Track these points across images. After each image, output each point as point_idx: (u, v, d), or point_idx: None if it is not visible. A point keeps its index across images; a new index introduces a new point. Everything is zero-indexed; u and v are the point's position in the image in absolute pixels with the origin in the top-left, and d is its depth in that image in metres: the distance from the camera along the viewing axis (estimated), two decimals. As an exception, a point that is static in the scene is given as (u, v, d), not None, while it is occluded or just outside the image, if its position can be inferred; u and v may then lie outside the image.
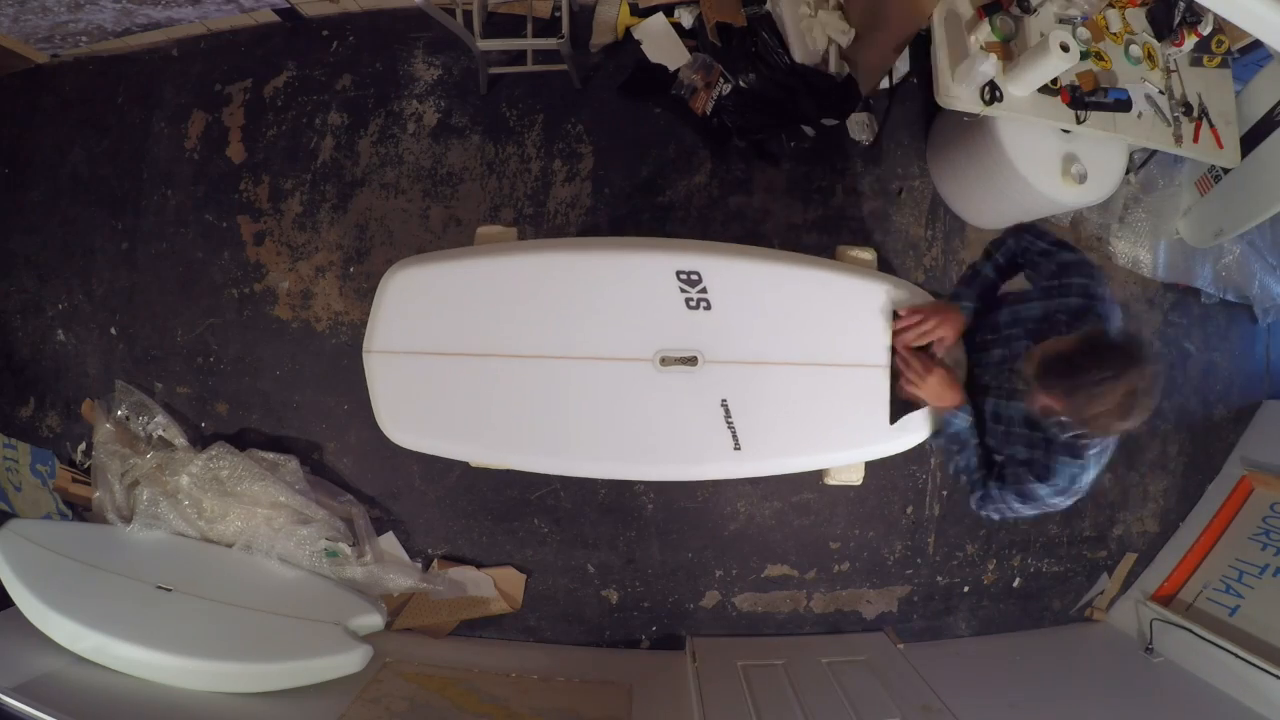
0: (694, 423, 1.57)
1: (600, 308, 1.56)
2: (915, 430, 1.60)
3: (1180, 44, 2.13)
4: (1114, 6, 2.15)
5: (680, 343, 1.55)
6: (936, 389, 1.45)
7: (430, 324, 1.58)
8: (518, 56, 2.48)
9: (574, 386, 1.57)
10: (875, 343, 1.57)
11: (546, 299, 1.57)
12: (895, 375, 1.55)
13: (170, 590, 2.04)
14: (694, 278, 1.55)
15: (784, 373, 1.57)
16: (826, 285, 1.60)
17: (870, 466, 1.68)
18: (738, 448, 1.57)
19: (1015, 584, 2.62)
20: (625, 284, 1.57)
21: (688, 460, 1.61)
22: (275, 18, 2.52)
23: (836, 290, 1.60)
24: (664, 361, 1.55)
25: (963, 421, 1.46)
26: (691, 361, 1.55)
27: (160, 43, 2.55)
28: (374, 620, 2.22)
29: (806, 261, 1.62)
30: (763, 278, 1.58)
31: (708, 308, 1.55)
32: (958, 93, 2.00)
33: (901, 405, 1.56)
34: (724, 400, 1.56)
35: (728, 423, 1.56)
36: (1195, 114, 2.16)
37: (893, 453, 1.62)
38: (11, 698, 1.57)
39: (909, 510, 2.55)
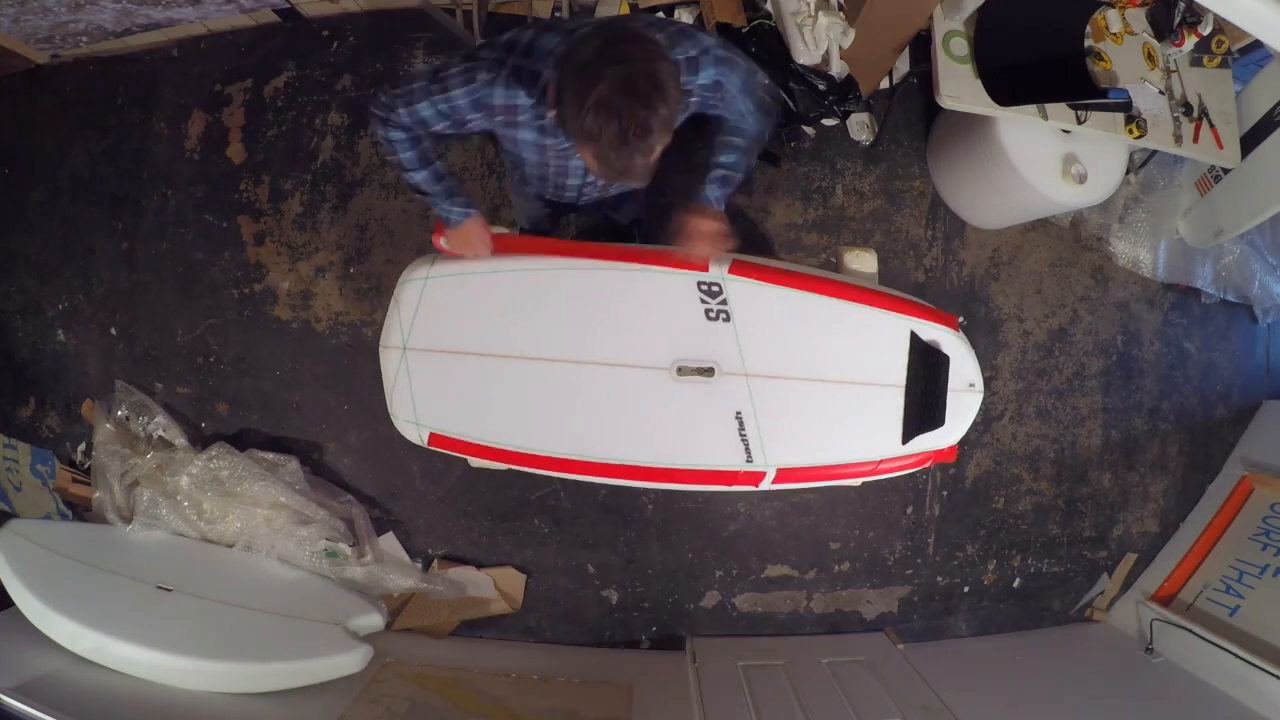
0: (707, 434, 1.56)
1: (621, 315, 1.56)
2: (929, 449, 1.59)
3: (1180, 44, 2.13)
4: (1114, 7, 2.15)
5: (698, 353, 1.55)
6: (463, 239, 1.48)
7: (446, 323, 1.58)
8: (518, 56, 2.48)
9: (589, 392, 1.56)
10: (893, 362, 1.57)
11: (567, 303, 1.56)
12: (910, 394, 1.54)
13: (170, 590, 2.04)
14: (715, 289, 1.54)
15: (800, 388, 1.56)
16: (846, 303, 1.59)
17: (870, 467, 1.68)
18: (749, 460, 1.56)
19: (1015, 584, 2.62)
20: (646, 292, 1.56)
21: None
22: (275, 18, 2.52)
23: (856, 308, 1.58)
24: (681, 371, 1.54)
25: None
26: (708, 372, 1.54)
27: (160, 43, 2.54)
28: (374, 620, 2.22)
29: (828, 282, 1.61)
30: (784, 292, 1.57)
31: (727, 319, 1.55)
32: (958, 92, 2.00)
33: (916, 425, 1.55)
34: (738, 413, 1.55)
35: (741, 435, 1.55)
36: (1195, 114, 2.16)
37: (906, 472, 1.62)
38: (11, 698, 1.56)
39: (909, 510, 2.55)
